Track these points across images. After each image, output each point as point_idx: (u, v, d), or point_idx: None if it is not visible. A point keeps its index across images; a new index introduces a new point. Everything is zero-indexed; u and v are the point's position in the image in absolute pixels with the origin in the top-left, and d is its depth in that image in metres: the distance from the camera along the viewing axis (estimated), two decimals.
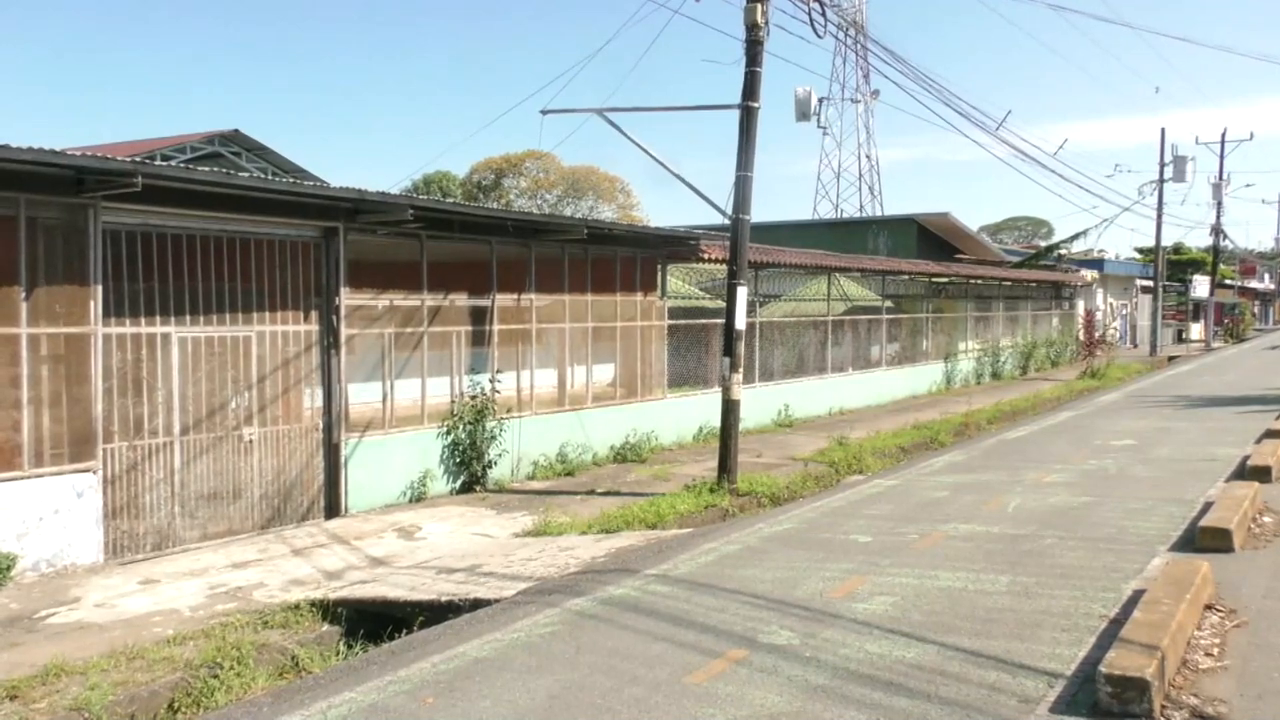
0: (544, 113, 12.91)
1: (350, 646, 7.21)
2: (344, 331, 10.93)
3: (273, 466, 10.34)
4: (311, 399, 10.96)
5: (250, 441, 10.13)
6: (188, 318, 9.66)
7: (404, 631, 7.10)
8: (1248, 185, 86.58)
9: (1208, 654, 5.50)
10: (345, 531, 10.18)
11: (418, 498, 11.77)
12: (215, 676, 6.27)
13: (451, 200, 32.56)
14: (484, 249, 12.88)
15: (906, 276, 24.89)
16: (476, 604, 7.38)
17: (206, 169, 9.59)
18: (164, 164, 9.09)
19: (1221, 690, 4.99)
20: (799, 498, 11.82)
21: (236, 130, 25.18)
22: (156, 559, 9.12)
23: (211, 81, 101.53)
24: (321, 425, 10.87)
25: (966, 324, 28.41)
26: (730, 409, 12.00)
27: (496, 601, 7.36)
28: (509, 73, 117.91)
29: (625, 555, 8.60)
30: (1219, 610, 6.26)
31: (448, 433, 12.20)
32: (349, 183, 10.73)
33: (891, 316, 24.16)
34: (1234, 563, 7.47)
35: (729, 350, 11.98)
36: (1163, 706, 4.74)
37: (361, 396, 12.12)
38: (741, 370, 12.23)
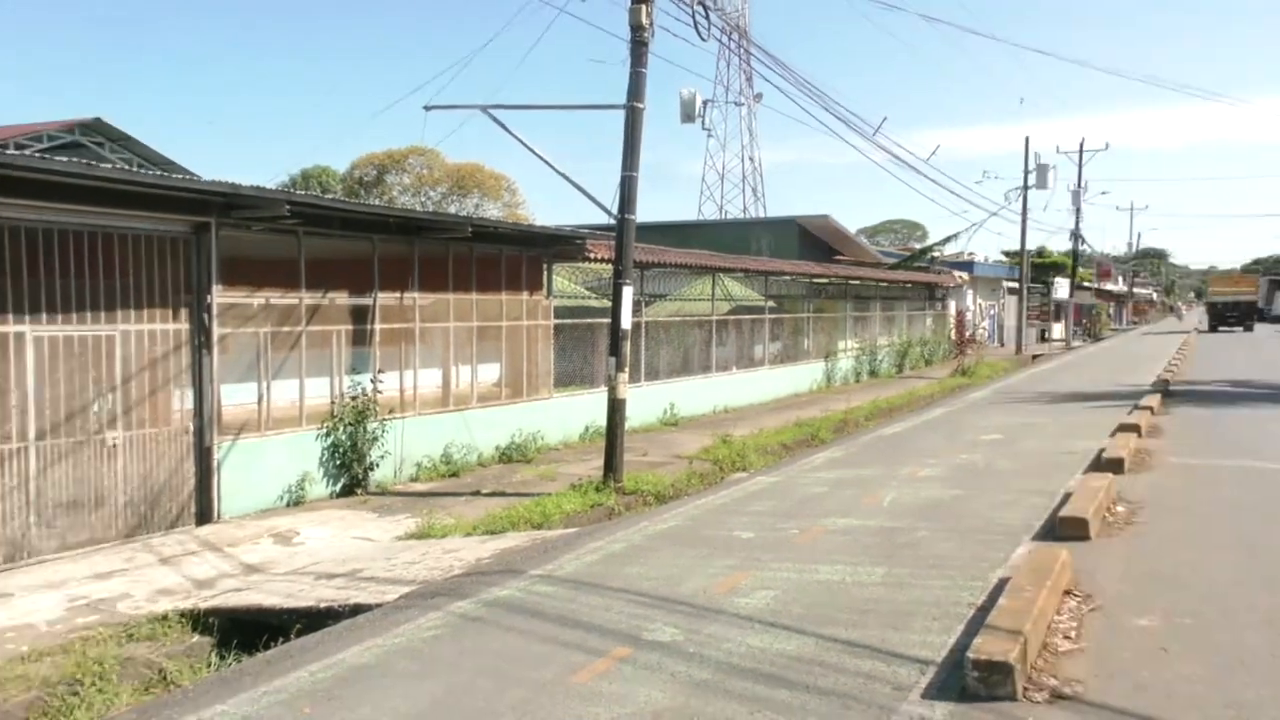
0: (427, 109, 12.72)
1: (223, 657, 6.95)
2: (216, 330, 10.53)
3: (139, 472, 9.88)
4: (181, 401, 10.52)
5: (114, 446, 9.66)
6: (44, 316, 9.13)
7: (280, 640, 6.88)
8: (1103, 193, 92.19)
9: (1066, 637, 5.80)
10: (218, 538, 9.81)
11: (296, 502, 11.43)
12: (75, 694, 5.96)
13: (331, 196, 31.69)
14: (366, 246, 12.59)
15: (788, 277, 25.44)
16: (357, 609, 7.21)
17: (64, 159, 9.08)
18: (16, 153, 8.55)
19: (1079, 671, 5.26)
20: (684, 495, 11.95)
21: (98, 119, 23.98)
22: (10, 571, 8.60)
23: (72, 68, 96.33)
24: (192, 428, 10.44)
25: (846, 324, 29.21)
26: (616, 408, 12.05)
27: (378, 606, 7.21)
28: (392, 69, 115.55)
29: (510, 556, 8.54)
30: (1077, 595, 6.60)
31: (327, 434, 11.88)
32: (223, 177, 10.33)
33: (774, 316, 24.66)
34: (1090, 550, 7.89)
35: (615, 350, 12.03)
36: (1025, 688, 4.97)
37: (236, 398, 11.71)
38: (628, 369, 12.30)
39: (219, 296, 10.54)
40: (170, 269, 10.14)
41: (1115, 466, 11.41)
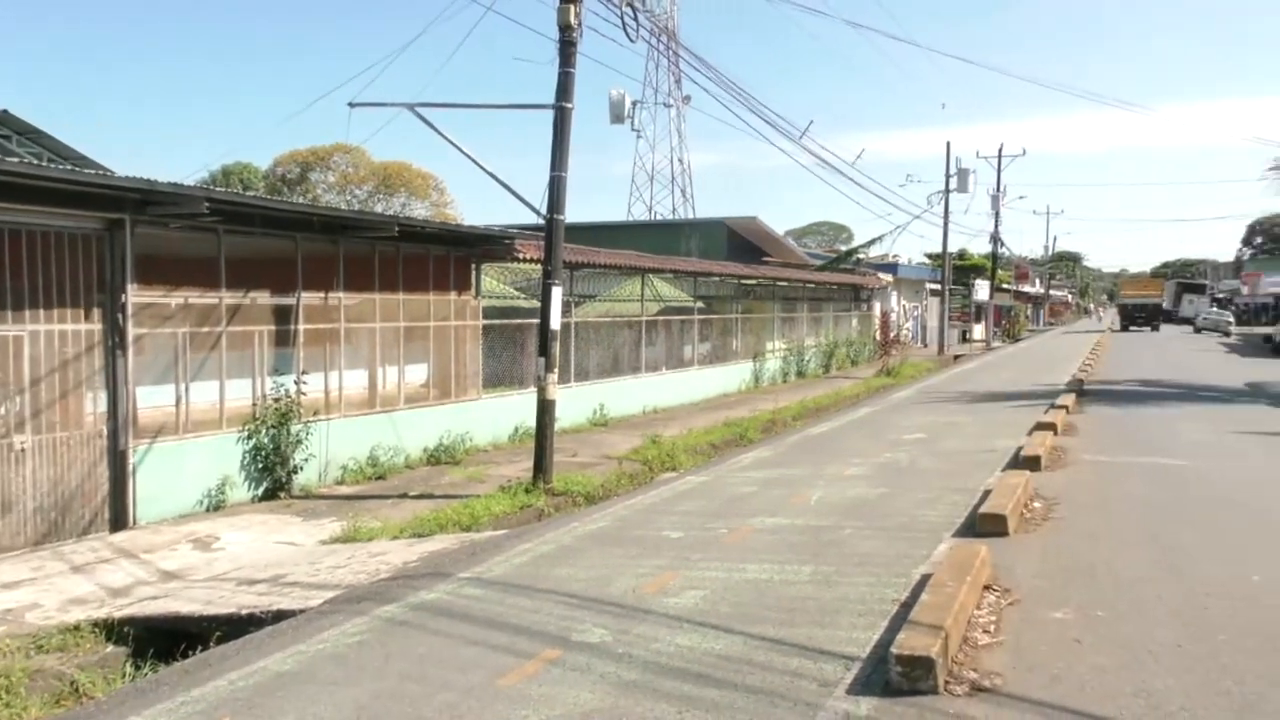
0: (352, 105, 12.53)
1: (138, 668, 6.75)
2: (132, 331, 10.21)
3: (49, 477, 9.53)
4: (95, 403, 10.18)
5: (22, 450, 9.30)
6: None
7: (199, 649, 6.71)
8: (1021, 197, 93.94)
9: (985, 631, 5.94)
10: (133, 545, 9.51)
11: (216, 506, 11.15)
12: None
13: (252, 193, 31.08)
14: (289, 245, 12.33)
15: (717, 278, 25.63)
16: (280, 615, 7.07)
17: None
18: None
19: (997, 664, 5.40)
20: (613, 496, 11.96)
21: (6, 111, 23.03)
22: None
23: None
24: (106, 431, 10.11)
25: (774, 324, 29.54)
26: (545, 409, 12.00)
27: (302, 612, 7.08)
28: (315, 65, 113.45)
29: (438, 559, 8.46)
30: (996, 590, 6.78)
31: (249, 437, 11.61)
32: (141, 174, 10.01)
33: (703, 317, 24.82)
34: (1009, 546, 8.10)
35: (544, 350, 11.98)
36: (946, 682, 5.09)
37: (153, 400, 11.39)
38: (557, 370, 12.26)
39: (134, 296, 10.23)
40: (83, 267, 9.81)
41: (1032, 464, 11.73)
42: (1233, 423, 16.66)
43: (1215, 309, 72.51)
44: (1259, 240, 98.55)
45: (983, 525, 8.58)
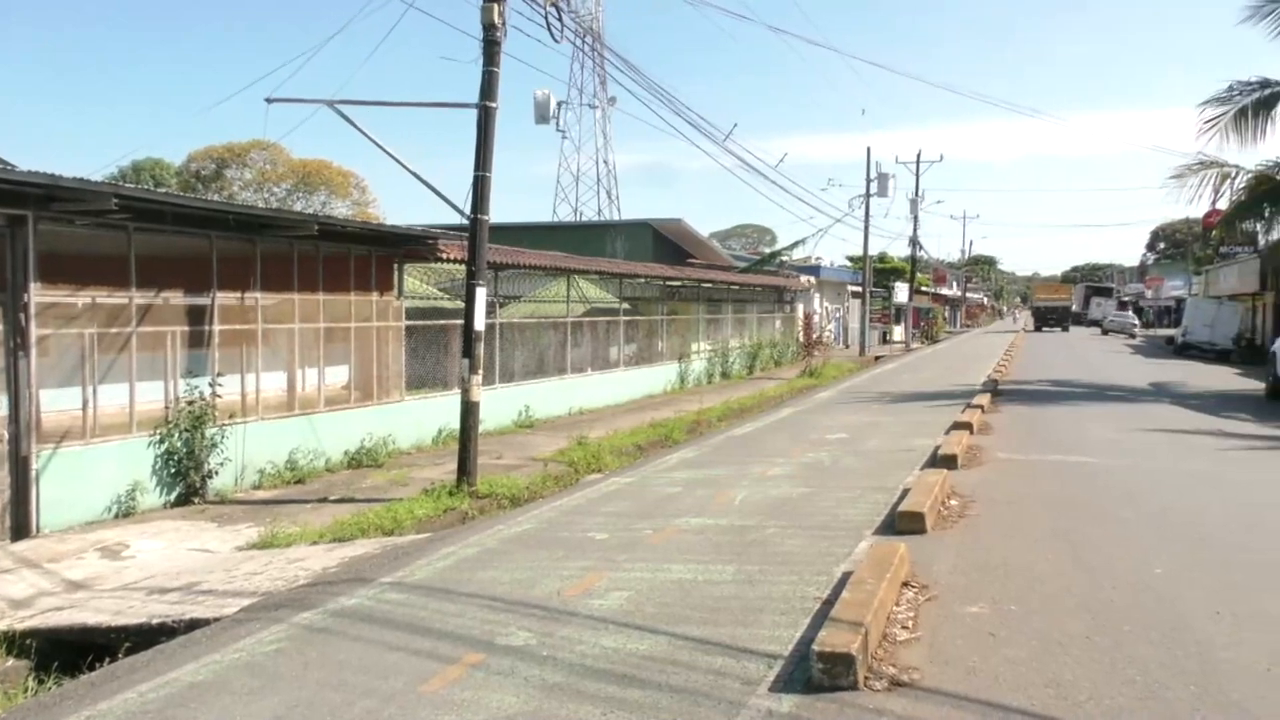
0: (269, 101, 12.24)
1: (41, 682, 6.50)
2: (35, 331, 9.82)
3: None
4: None
5: None
6: None
7: (108, 661, 6.48)
8: (939, 202, 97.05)
9: (904, 627, 6.06)
10: (37, 554, 9.15)
11: (126, 513, 10.79)
12: None
13: (164, 190, 30.25)
14: (203, 244, 12.00)
15: (643, 279, 25.70)
16: (193, 624, 6.87)
17: None
18: None
19: (915, 659, 5.51)
20: (539, 498, 11.89)
21: None
22: None
23: None
24: (7, 436, 9.70)
25: (699, 326, 29.73)
26: (470, 411, 11.89)
27: (216, 620, 6.89)
28: (233, 59, 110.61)
29: (359, 564, 8.31)
30: (914, 586, 6.92)
31: (161, 441, 11.27)
32: (45, 168, 9.62)
33: (629, 318, 24.85)
34: (927, 543, 8.27)
35: (468, 351, 11.88)
36: (866, 678, 5.17)
37: (58, 403, 10.98)
38: (481, 371, 12.16)
39: (38, 295, 9.85)
40: None
41: (949, 463, 12.01)
42: (1138, 421, 17.30)
43: (1126, 311, 75.55)
44: (1161, 245, 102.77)
45: (902, 523, 8.75)
